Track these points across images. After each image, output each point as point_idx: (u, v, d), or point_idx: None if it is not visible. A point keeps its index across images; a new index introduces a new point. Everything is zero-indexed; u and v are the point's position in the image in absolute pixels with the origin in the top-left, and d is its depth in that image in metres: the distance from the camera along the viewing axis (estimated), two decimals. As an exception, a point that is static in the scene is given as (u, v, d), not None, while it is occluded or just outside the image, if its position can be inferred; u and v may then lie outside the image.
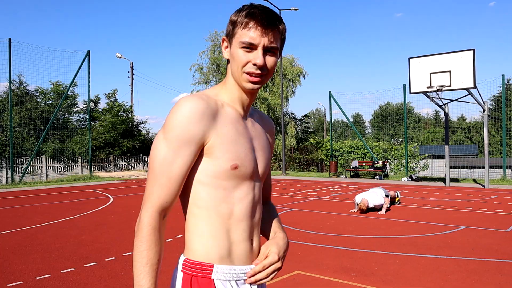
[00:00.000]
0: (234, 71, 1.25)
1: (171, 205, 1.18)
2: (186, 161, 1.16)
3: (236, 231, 1.24)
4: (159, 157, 1.16)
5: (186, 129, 1.14)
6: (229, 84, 1.30)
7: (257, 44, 1.20)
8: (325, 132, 47.45)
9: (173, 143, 1.15)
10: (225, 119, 1.23)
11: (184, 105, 1.16)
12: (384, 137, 27.80)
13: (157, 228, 1.14)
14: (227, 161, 1.20)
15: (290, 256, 5.11)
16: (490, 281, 4.10)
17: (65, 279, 4.27)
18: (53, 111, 20.38)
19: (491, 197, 10.88)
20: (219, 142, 1.19)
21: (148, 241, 1.13)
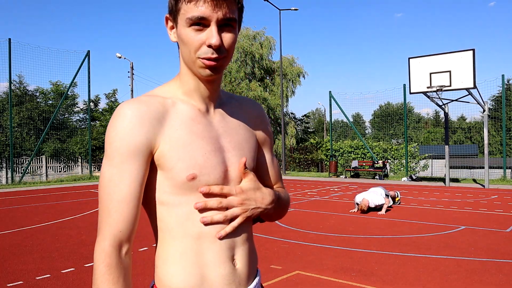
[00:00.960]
0: (185, 57, 1.00)
1: (129, 234, 0.95)
2: (134, 177, 0.95)
3: (210, 251, 1.01)
4: (104, 179, 0.96)
5: (126, 140, 0.94)
6: (182, 74, 1.05)
7: (209, 18, 0.94)
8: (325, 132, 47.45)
9: (115, 160, 0.95)
10: (176, 120, 1.00)
11: (119, 113, 0.96)
12: (384, 137, 27.81)
13: (113, 265, 0.92)
14: (181, 171, 0.97)
15: (290, 256, 5.11)
16: (490, 281, 4.10)
17: (65, 279, 4.27)
18: (53, 111, 20.39)
19: (491, 197, 10.87)
20: (168, 149, 0.97)
21: (104, 283, 0.91)
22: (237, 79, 29.66)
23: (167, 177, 0.99)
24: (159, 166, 0.99)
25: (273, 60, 30.88)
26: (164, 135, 0.98)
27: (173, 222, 1.00)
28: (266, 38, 30.01)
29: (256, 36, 29.80)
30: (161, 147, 0.97)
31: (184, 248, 1.00)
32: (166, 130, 0.98)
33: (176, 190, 0.99)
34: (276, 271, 4.50)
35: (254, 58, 29.34)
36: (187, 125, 1.01)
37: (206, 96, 1.06)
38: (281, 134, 23.41)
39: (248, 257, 1.08)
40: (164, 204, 1.00)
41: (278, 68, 29.08)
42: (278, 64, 29.48)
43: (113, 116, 0.97)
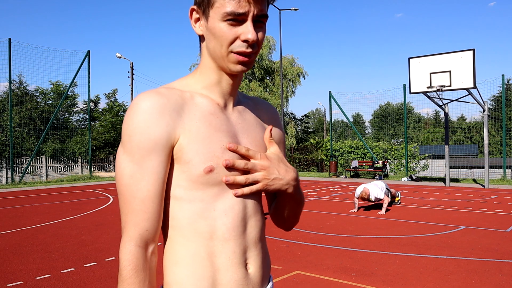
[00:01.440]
0: (215, 51, 0.99)
1: (155, 233, 0.94)
2: (157, 174, 0.93)
3: (222, 254, 0.97)
4: (124, 176, 0.93)
5: (147, 134, 0.91)
6: (204, 68, 1.04)
7: (246, 13, 0.94)
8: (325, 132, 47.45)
9: (136, 155, 0.91)
10: (195, 113, 0.98)
11: (138, 105, 0.93)
12: (384, 137, 27.81)
13: (140, 266, 0.91)
14: (198, 163, 0.94)
15: (290, 256, 5.11)
16: (490, 281, 4.10)
17: (65, 279, 4.27)
18: (53, 111, 20.39)
19: (491, 197, 10.87)
20: (186, 142, 0.95)
21: (131, 285, 0.90)
22: (237, 79, 29.64)
23: (183, 170, 0.95)
24: (177, 160, 0.96)
25: (273, 60, 30.88)
26: (183, 127, 0.95)
27: (185, 219, 0.96)
28: (266, 38, 30.01)
29: (256, 36, 29.77)
30: (180, 140, 0.95)
31: (196, 249, 0.96)
32: (185, 122, 0.96)
33: (192, 184, 0.96)
34: (276, 271, 4.50)
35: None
36: (206, 118, 0.99)
37: (227, 92, 1.05)
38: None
39: (262, 261, 1.05)
40: (178, 199, 0.97)
41: (278, 68, 29.09)
42: (278, 64, 29.49)
43: (131, 107, 0.93)
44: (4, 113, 20.30)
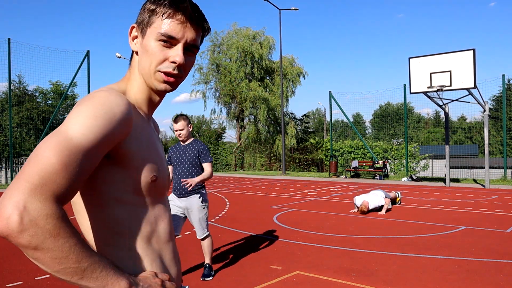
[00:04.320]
0: (144, 67, 1.04)
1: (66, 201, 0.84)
2: (94, 163, 0.88)
3: (166, 254, 1.06)
4: (69, 139, 0.83)
5: (113, 126, 0.90)
6: (135, 82, 1.08)
7: (179, 38, 1.01)
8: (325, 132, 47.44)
9: (93, 130, 0.86)
10: (137, 122, 1.01)
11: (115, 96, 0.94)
12: (384, 137, 27.80)
13: (65, 219, 0.79)
14: (147, 171, 1.00)
15: (290, 256, 5.10)
16: (490, 281, 4.09)
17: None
18: (53, 111, 20.39)
19: (492, 197, 10.86)
20: (135, 149, 0.97)
21: (62, 231, 0.78)
22: (237, 79, 29.65)
23: (130, 175, 0.98)
24: (122, 164, 0.96)
25: (273, 60, 30.87)
26: (133, 134, 0.98)
27: (134, 224, 0.99)
28: (265, 38, 30.00)
29: (255, 36, 29.79)
30: (130, 145, 0.96)
31: (152, 254, 1.02)
32: (134, 129, 0.98)
33: (139, 190, 1.00)
34: (276, 271, 4.50)
35: (253, 58, 29.34)
36: (145, 129, 1.05)
37: (152, 108, 1.13)
38: (281, 134, 23.39)
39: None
40: (124, 204, 0.98)
41: (278, 68, 29.06)
42: (278, 64, 29.47)
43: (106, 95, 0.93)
44: (4, 113, 20.31)
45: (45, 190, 0.77)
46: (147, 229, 1.02)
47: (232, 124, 32.46)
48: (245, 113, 30.83)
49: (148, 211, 1.03)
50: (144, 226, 1.01)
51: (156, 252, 1.03)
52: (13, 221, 0.73)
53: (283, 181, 16.67)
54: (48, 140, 0.83)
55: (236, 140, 32.44)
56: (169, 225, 1.10)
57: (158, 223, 1.05)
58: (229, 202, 10.25)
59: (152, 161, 1.02)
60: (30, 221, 0.74)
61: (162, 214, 1.07)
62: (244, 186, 14.61)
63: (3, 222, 0.73)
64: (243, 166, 27.75)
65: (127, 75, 1.11)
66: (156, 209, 1.05)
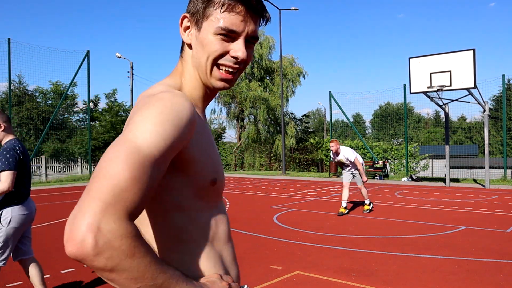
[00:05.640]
0: (201, 63, 0.98)
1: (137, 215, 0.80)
2: (162, 172, 0.82)
3: (227, 256, 1.05)
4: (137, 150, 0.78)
5: (180, 132, 0.84)
6: (189, 78, 1.02)
7: (240, 32, 0.95)
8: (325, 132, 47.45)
9: (166, 134, 0.81)
10: (199, 123, 0.95)
11: (180, 101, 0.87)
12: (384, 137, 27.80)
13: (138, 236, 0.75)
14: (206, 175, 0.95)
15: (290, 256, 5.10)
16: (490, 282, 4.09)
17: (65, 279, 4.27)
18: (53, 111, 20.39)
19: (492, 197, 10.86)
20: (197, 153, 0.93)
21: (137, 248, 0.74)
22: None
23: (190, 181, 0.93)
24: (183, 170, 0.92)
25: (273, 60, 30.87)
26: (193, 138, 0.91)
27: (197, 230, 0.96)
28: (265, 38, 30.00)
29: (256, 36, 29.77)
30: (191, 151, 0.91)
31: (214, 257, 0.99)
32: (195, 133, 0.92)
33: (198, 195, 0.96)
34: (276, 271, 4.50)
35: (254, 58, 29.34)
36: (203, 130, 0.98)
37: (206, 105, 1.08)
38: (281, 134, 23.39)
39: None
40: (185, 210, 0.94)
41: (278, 68, 29.07)
42: (278, 64, 29.48)
43: (172, 98, 0.86)
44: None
45: (118, 208, 0.72)
46: (208, 233, 0.99)
47: (232, 124, 32.48)
48: (245, 113, 30.83)
49: (208, 215, 1.00)
50: (205, 230, 0.98)
51: (217, 254, 1.01)
52: (88, 244, 0.69)
53: (283, 181, 16.67)
54: (116, 151, 0.77)
55: (236, 140, 32.45)
56: (228, 226, 1.07)
57: (218, 225, 1.03)
58: (229, 202, 10.25)
59: (211, 164, 0.97)
60: (105, 243, 0.69)
61: (221, 216, 1.05)
62: (244, 186, 14.61)
63: (77, 246, 0.70)
64: (243, 166, 27.75)
65: (179, 68, 1.05)
66: (215, 211, 1.02)
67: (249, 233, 6.53)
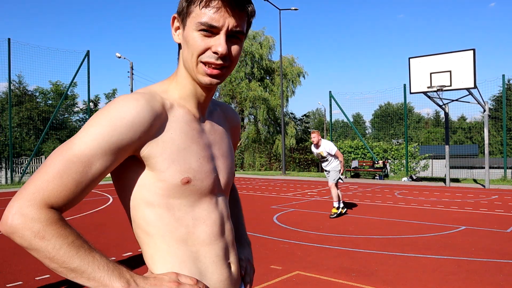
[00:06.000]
0: (187, 60, 1.00)
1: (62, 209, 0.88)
2: (103, 170, 0.90)
3: (206, 257, 1.02)
4: (73, 148, 0.88)
5: (118, 131, 0.89)
6: (180, 77, 1.05)
7: (219, 26, 0.95)
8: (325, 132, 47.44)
9: (98, 141, 0.88)
10: (172, 122, 0.99)
11: (127, 101, 0.92)
12: (384, 137, 27.79)
13: (57, 220, 0.85)
14: (175, 174, 0.96)
15: (290, 256, 5.10)
16: (490, 282, 4.09)
17: (64, 280, 4.26)
18: (53, 111, 20.39)
19: (492, 197, 10.86)
20: (160, 151, 0.95)
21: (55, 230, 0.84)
22: (237, 79, 29.65)
23: (159, 178, 0.96)
24: (149, 167, 0.96)
25: (273, 60, 30.87)
26: (158, 136, 0.96)
27: (165, 226, 0.98)
28: (265, 38, 30.00)
29: (255, 36, 29.79)
30: (152, 148, 0.95)
31: (183, 256, 0.99)
32: (160, 131, 0.96)
33: (169, 193, 0.97)
34: (276, 271, 4.49)
35: (253, 58, 29.35)
36: (182, 129, 1.00)
37: (201, 102, 1.07)
38: (281, 134, 23.39)
39: (238, 259, 1.13)
40: (155, 207, 0.98)
41: (278, 68, 29.06)
42: (278, 64, 29.47)
43: (118, 101, 0.92)
44: (4, 113, 20.30)
45: (36, 197, 0.84)
46: (180, 231, 0.99)
47: (232, 124, 32.44)
48: (245, 113, 30.83)
49: (183, 213, 1.00)
50: (176, 228, 0.99)
51: (191, 254, 1.00)
52: (5, 224, 0.83)
53: (283, 181, 16.67)
54: (56, 150, 0.90)
55: (236, 140, 32.41)
56: (215, 226, 1.04)
57: (197, 225, 1.02)
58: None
59: (185, 163, 0.98)
60: (18, 224, 0.82)
61: (203, 216, 1.03)
62: (244, 186, 14.60)
63: (1, 224, 0.84)
64: (243, 166, 27.76)
65: (175, 71, 1.08)
66: (196, 211, 1.02)
67: (249, 233, 6.51)
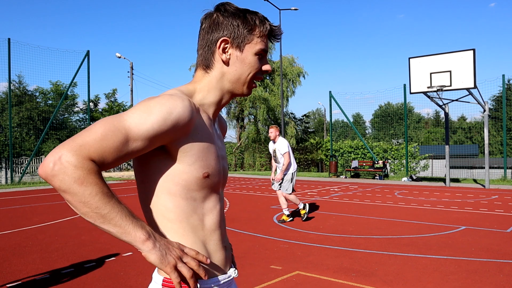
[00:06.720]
0: (240, 77, 1.23)
1: (103, 168, 1.02)
2: (147, 147, 1.05)
3: (211, 242, 1.20)
4: (128, 120, 1.02)
5: (166, 124, 1.04)
6: (209, 86, 1.23)
7: (267, 52, 1.27)
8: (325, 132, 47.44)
9: (150, 121, 1.03)
10: (199, 124, 1.15)
11: (175, 98, 1.08)
12: (384, 137, 27.79)
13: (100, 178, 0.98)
14: (199, 168, 1.13)
15: (290, 256, 5.10)
16: (490, 282, 4.09)
17: (65, 279, 4.27)
18: (53, 111, 20.38)
19: (492, 197, 10.86)
20: (190, 148, 1.12)
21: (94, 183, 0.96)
22: (237, 79, 29.62)
23: (184, 171, 1.12)
24: (179, 159, 1.11)
25: (273, 60, 30.86)
26: (190, 135, 1.11)
27: (181, 213, 1.14)
28: (266, 38, 29.96)
29: (256, 36, 29.74)
30: (185, 144, 1.11)
31: (194, 239, 1.16)
32: (193, 131, 1.12)
33: (190, 184, 1.13)
34: (276, 271, 4.50)
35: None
36: (206, 131, 1.18)
37: (218, 110, 1.27)
38: (281, 134, 23.39)
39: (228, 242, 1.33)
40: (174, 195, 1.13)
41: (278, 68, 29.05)
42: (278, 64, 29.46)
43: (167, 98, 1.07)
44: (4, 113, 20.30)
45: (81, 149, 0.95)
46: (194, 219, 1.16)
47: (232, 124, 32.47)
48: (245, 113, 30.84)
49: (197, 204, 1.16)
50: (191, 216, 1.15)
51: (199, 239, 1.17)
52: (47, 167, 0.93)
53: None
54: (106, 117, 1.03)
55: (236, 140, 32.46)
56: (218, 217, 1.22)
57: (206, 215, 1.18)
58: (229, 202, 10.25)
59: (207, 160, 1.15)
60: (60, 169, 0.93)
61: (212, 207, 1.20)
62: (244, 186, 14.61)
63: (42, 168, 0.94)
64: (243, 166, 27.76)
65: (199, 78, 1.25)
66: (206, 202, 1.19)
67: (249, 233, 6.53)
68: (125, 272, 4.49)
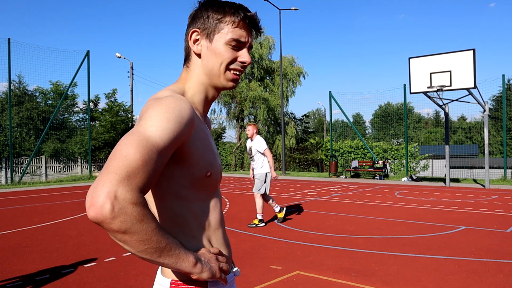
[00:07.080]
0: (213, 68, 1.18)
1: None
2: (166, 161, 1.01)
3: (216, 239, 1.20)
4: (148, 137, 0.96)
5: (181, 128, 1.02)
6: (195, 83, 1.21)
7: (245, 43, 1.19)
8: (325, 132, 47.45)
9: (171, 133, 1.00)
10: (197, 123, 1.13)
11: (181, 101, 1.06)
12: (384, 137, 27.79)
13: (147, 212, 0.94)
14: (202, 168, 1.12)
15: (290, 256, 5.10)
16: (490, 282, 4.09)
17: (65, 279, 4.27)
18: (53, 111, 20.38)
19: (492, 197, 10.86)
20: (194, 148, 1.09)
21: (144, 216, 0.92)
22: (237, 79, 29.60)
23: (188, 172, 1.10)
24: (184, 161, 1.09)
25: (273, 60, 30.85)
26: (193, 134, 1.09)
27: (191, 217, 1.13)
28: (265, 38, 29.99)
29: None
30: (191, 145, 1.08)
31: (201, 239, 1.16)
32: (194, 131, 1.09)
33: (194, 185, 1.12)
34: (276, 271, 4.50)
35: (253, 58, 29.32)
36: (203, 129, 1.16)
37: (207, 107, 1.25)
38: (281, 134, 23.38)
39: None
40: (183, 199, 1.12)
41: (278, 68, 29.06)
42: (278, 64, 29.46)
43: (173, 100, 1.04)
44: (4, 113, 20.28)
45: (131, 182, 0.89)
46: (200, 220, 1.15)
47: (232, 124, 32.46)
48: (245, 113, 30.82)
49: (203, 204, 1.16)
50: (199, 218, 1.15)
51: (206, 238, 1.17)
52: (106, 209, 0.85)
53: (283, 181, 16.66)
54: (129, 138, 0.95)
55: (236, 140, 32.44)
56: (220, 214, 1.23)
57: (210, 214, 1.19)
58: (229, 202, 10.25)
59: (208, 158, 1.14)
60: (120, 209, 0.86)
61: (214, 205, 1.20)
62: (244, 186, 14.60)
63: (97, 210, 0.85)
64: (243, 166, 27.75)
65: (183, 76, 1.23)
66: (210, 201, 1.19)
67: (249, 233, 6.53)
68: (125, 272, 4.49)
